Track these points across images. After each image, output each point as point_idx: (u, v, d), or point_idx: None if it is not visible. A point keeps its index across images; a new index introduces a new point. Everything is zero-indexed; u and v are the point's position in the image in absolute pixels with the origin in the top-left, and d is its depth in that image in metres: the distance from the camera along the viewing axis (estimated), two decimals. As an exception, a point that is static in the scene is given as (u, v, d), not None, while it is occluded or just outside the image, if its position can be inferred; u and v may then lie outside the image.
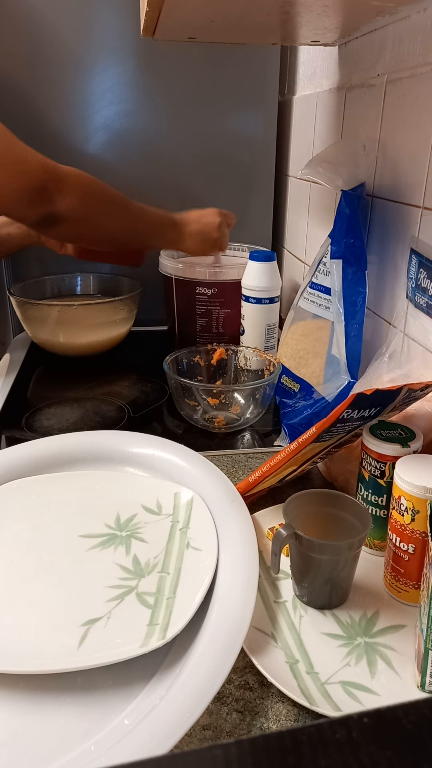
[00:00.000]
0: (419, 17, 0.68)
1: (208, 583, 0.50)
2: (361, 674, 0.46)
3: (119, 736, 0.39)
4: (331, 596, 0.52)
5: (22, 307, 1.05)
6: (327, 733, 0.20)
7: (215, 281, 1.03)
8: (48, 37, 1.07)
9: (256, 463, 0.76)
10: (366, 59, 0.84)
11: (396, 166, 0.75)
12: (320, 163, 0.80)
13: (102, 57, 1.10)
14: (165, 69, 1.13)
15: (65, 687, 0.44)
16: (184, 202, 1.22)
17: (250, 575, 0.50)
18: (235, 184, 1.23)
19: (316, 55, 1.06)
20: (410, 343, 0.72)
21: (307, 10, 0.69)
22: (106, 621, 0.48)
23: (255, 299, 0.94)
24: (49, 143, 1.14)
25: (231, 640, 0.44)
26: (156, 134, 1.16)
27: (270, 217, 1.27)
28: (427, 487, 0.48)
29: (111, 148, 1.16)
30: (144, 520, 0.61)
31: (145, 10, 0.69)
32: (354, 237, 0.78)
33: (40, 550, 0.56)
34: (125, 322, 1.10)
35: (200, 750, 0.20)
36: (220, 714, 0.43)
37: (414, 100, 0.69)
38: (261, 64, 1.15)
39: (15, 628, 0.48)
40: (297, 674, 0.45)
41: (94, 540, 0.58)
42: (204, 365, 0.90)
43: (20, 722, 0.42)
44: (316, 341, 0.84)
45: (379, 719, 0.20)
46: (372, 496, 0.57)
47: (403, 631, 0.50)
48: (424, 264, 0.67)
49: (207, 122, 1.17)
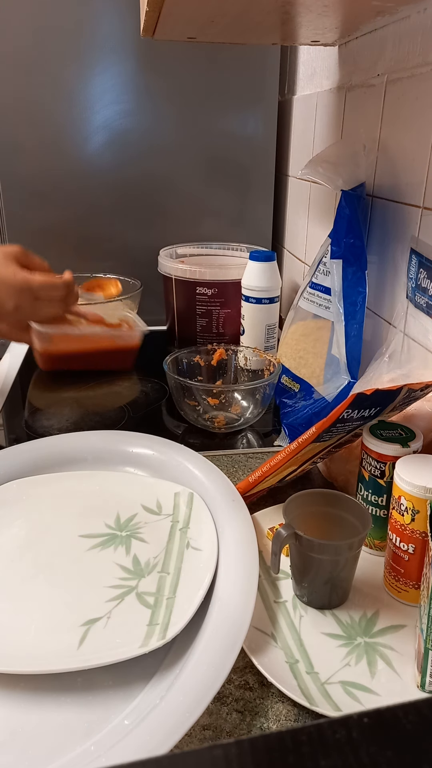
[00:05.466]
0: (419, 17, 0.68)
1: (208, 583, 0.50)
2: (361, 674, 0.46)
3: (119, 736, 0.39)
4: (331, 596, 0.52)
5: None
6: (327, 733, 0.20)
7: (215, 281, 1.03)
8: (48, 37, 1.07)
9: (256, 463, 0.76)
10: (366, 59, 0.84)
11: (396, 166, 0.75)
12: (320, 163, 0.80)
13: (102, 57, 1.10)
14: (165, 69, 1.13)
15: (65, 687, 0.44)
16: (183, 202, 1.22)
17: (250, 575, 0.50)
18: (235, 184, 1.23)
19: (316, 55, 1.06)
20: (410, 343, 0.72)
21: (307, 10, 0.69)
22: (106, 621, 0.48)
23: (255, 299, 0.94)
24: (49, 143, 1.14)
25: (231, 640, 0.44)
26: (156, 134, 1.16)
27: (270, 217, 1.27)
28: (427, 487, 0.48)
29: (111, 148, 1.16)
30: (144, 520, 0.61)
31: (145, 10, 0.69)
32: (354, 237, 0.78)
33: (40, 550, 0.56)
34: (125, 322, 1.10)
35: (200, 750, 0.20)
36: (220, 714, 0.43)
37: (414, 100, 0.69)
38: (261, 64, 1.15)
39: (15, 628, 0.48)
40: (297, 674, 0.45)
41: (94, 540, 0.58)
42: (204, 365, 0.90)
43: (20, 722, 0.42)
44: (316, 341, 0.84)
45: (379, 719, 0.20)
46: (372, 496, 0.57)
47: (403, 631, 0.50)
48: (424, 264, 0.67)
49: (207, 122, 1.17)
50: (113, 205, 1.20)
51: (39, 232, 1.19)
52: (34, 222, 1.18)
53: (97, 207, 1.19)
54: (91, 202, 1.19)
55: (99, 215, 1.20)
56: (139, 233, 1.22)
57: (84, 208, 1.19)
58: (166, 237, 1.22)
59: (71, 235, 1.21)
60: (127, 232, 1.22)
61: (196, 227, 1.24)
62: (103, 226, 1.21)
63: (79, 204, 1.19)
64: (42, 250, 1.20)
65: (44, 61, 1.08)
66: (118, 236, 1.22)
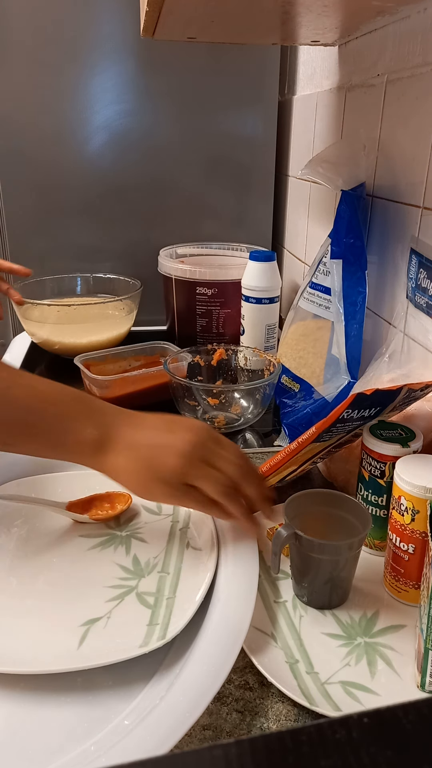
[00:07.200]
0: (419, 17, 0.68)
1: (208, 583, 0.50)
2: (361, 674, 0.46)
3: (119, 736, 0.39)
4: (331, 596, 0.52)
5: (21, 307, 1.05)
6: (327, 733, 0.20)
7: (215, 281, 1.03)
8: (48, 37, 1.07)
9: (256, 463, 0.75)
10: (366, 59, 0.84)
11: (396, 166, 0.75)
12: (320, 163, 0.80)
13: (102, 57, 1.10)
14: (165, 69, 1.13)
15: (65, 687, 0.44)
16: (183, 202, 1.22)
17: (250, 575, 0.50)
18: (235, 184, 1.23)
19: (316, 55, 1.06)
20: (410, 343, 0.72)
21: (307, 10, 0.69)
22: (106, 621, 0.48)
23: (255, 299, 0.94)
24: (49, 143, 1.14)
25: (231, 640, 0.44)
26: (156, 134, 1.16)
27: (270, 217, 1.27)
28: (427, 487, 0.48)
29: (111, 148, 1.16)
30: (144, 520, 0.61)
31: (145, 10, 0.69)
32: (354, 237, 0.78)
33: (40, 550, 0.56)
34: (125, 322, 1.10)
35: (200, 750, 0.20)
36: (220, 714, 0.43)
37: (414, 100, 0.69)
38: (261, 64, 1.15)
39: (15, 629, 0.48)
40: (297, 674, 0.45)
41: (94, 540, 0.58)
42: (204, 365, 0.90)
43: (20, 722, 0.42)
44: (316, 341, 0.84)
45: (379, 719, 0.20)
46: (372, 496, 0.57)
47: (403, 631, 0.50)
48: (424, 264, 0.67)
49: (207, 122, 1.17)
50: (113, 204, 1.20)
51: (39, 231, 1.19)
52: (34, 221, 1.18)
53: (97, 207, 1.19)
54: (91, 201, 1.19)
55: (99, 215, 1.20)
56: (139, 233, 1.22)
57: (84, 208, 1.19)
58: (166, 237, 1.22)
59: (71, 235, 1.21)
60: (127, 232, 1.22)
61: (196, 227, 1.24)
62: (104, 226, 1.21)
63: (79, 204, 1.19)
64: (42, 249, 1.20)
65: (44, 61, 1.08)
66: (118, 236, 1.22)
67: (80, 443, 0.50)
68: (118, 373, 0.92)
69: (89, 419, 0.51)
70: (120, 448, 0.51)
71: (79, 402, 0.52)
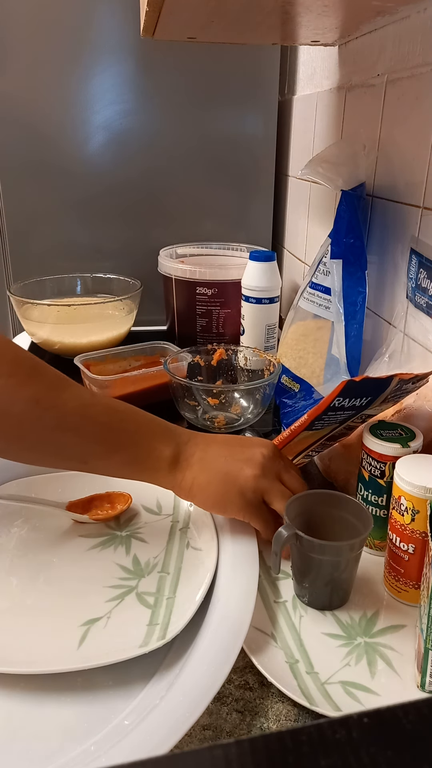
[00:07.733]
0: (419, 17, 0.68)
1: (208, 583, 0.50)
2: (361, 674, 0.46)
3: (119, 736, 0.39)
4: (331, 597, 0.51)
5: (21, 307, 1.05)
6: (327, 733, 0.20)
7: (215, 281, 1.03)
8: (48, 37, 1.07)
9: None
10: (366, 59, 0.84)
11: (396, 166, 0.75)
12: (320, 163, 0.80)
13: (102, 57, 1.10)
14: (165, 69, 1.12)
15: (65, 687, 0.44)
16: (183, 202, 1.22)
17: (250, 575, 0.50)
18: (235, 184, 1.23)
19: (316, 55, 1.06)
20: (410, 343, 0.72)
21: (307, 10, 0.69)
22: (106, 621, 0.48)
23: (255, 299, 0.94)
24: (49, 143, 1.14)
25: (231, 640, 0.44)
26: (156, 134, 1.16)
27: (270, 217, 1.27)
28: (427, 487, 0.48)
29: (111, 148, 1.16)
30: (144, 520, 0.61)
31: (145, 10, 0.69)
32: (354, 237, 0.78)
33: (40, 550, 0.56)
34: (125, 322, 1.10)
35: (200, 750, 0.20)
36: (220, 714, 0.43)
37: (414, 100, 0.69)
38: (261, 64, 1.15)
39: (15, 629, 0.48)
40: (297, 674, 0.45)
41: (94, 540, 0.58)
42: (204, 365, 0.90)
43: (20, 722, 0.42)
44: (316, 341, 0.84)
45: (379, 719, 0.20)
46: (372, 496, 0.57)
47: (403, 631, 0.50)
48: (424, 264, 0.67)
49: (207, 122, 1.17)
50: (113, 204, 1.20)
51: (39, 231, 1.19)
52: (33, 221, 1.18)
53: (97, 207, 1.19)
54: (91, 201, 1.19)
55: (99, 215, 1.20)
56: (139, 233, 1.22)
57: (84, 208, 1.19)
58: (166, 237, 1.22)
59: (71, 235, 1.21)
60: (127, 232, 1.22)
61: (196, 227, 1.24)
62: (104, 226, 1.21)
63: (79, 203, 1.19)
64: (42, 249, 1.20)
65: (44, 61, 1.08)
66: (118, 236, 1.22)
67: (158, 460, 0.53)
68: (118, 373, 0.92)
69: (166, 437, 0.54)
70: (194, 464, 0.54)
71: (156, 422, 0.55)
